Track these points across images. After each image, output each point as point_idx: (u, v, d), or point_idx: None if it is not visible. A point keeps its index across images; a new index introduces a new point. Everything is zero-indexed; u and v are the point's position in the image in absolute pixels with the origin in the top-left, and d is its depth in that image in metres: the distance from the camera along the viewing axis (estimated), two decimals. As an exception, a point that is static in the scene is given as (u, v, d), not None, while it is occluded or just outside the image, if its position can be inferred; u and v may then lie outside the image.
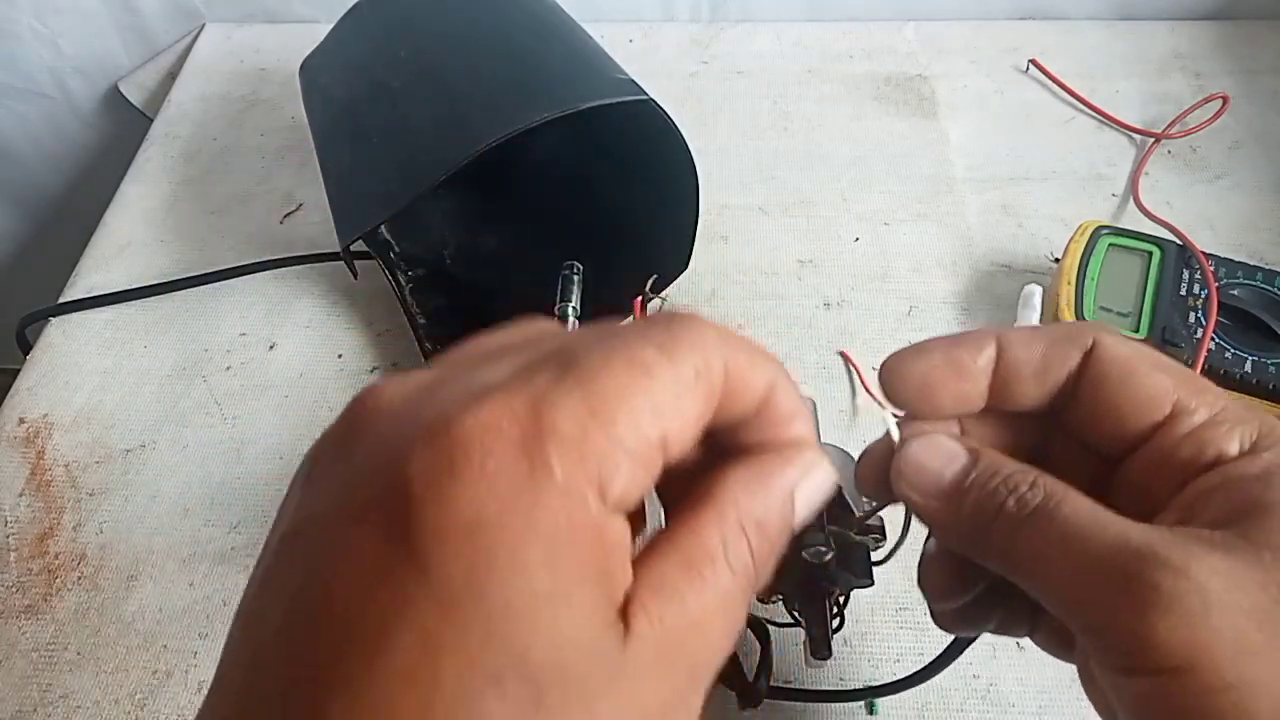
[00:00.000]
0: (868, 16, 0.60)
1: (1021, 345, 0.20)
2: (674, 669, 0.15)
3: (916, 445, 0.20)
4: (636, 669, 0.14)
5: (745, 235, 0.49)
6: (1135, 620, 0.16)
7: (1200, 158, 0.51)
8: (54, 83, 0.66)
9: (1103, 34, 0.58)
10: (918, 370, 0.20)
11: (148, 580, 0.37)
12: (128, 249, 0.50)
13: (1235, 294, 0.40)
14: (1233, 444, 0.18)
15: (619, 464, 0.14)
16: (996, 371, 0.20)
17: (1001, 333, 0.20)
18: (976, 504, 0.19)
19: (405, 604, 0.13)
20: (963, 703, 0.33)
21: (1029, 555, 0.18)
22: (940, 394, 0.20)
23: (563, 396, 0.14)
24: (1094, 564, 0.17)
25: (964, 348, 0.20)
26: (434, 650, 0.12)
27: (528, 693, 0.13)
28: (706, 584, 0.15)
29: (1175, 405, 0.19)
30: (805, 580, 0.26)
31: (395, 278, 0.42)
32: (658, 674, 0.14)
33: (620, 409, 0.14)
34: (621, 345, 0.15)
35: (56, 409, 0.43)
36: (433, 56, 0.39)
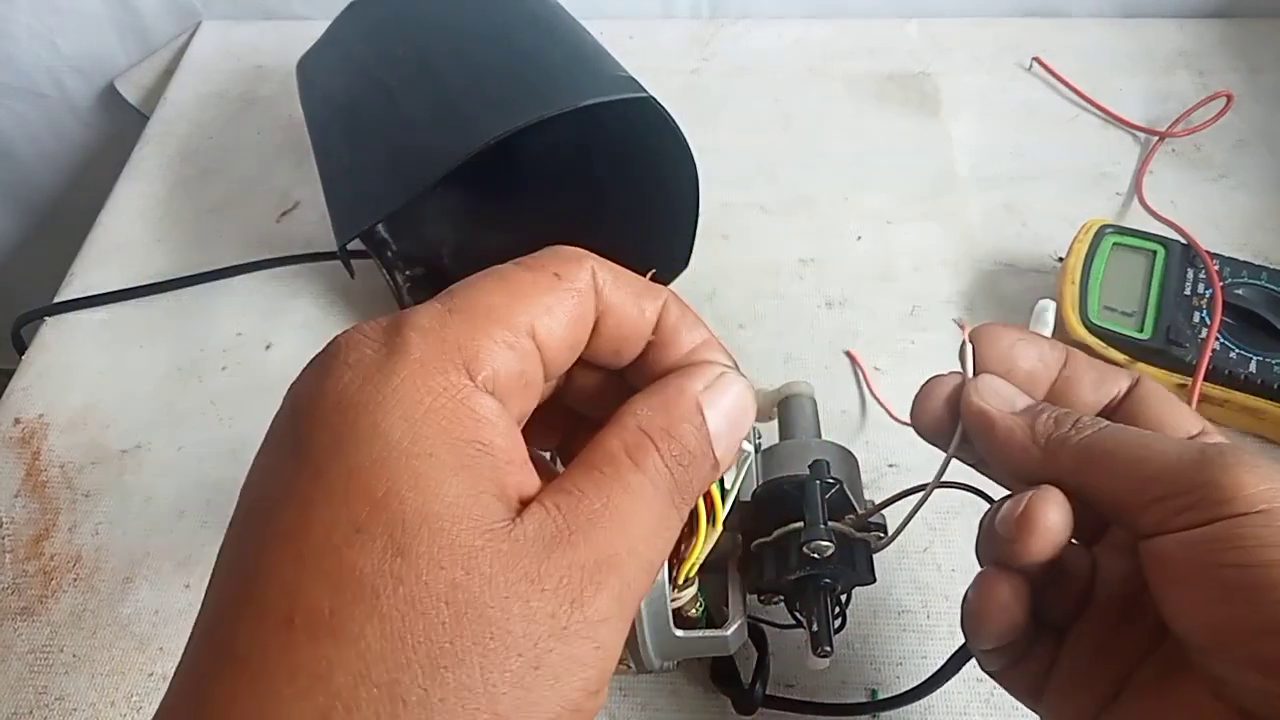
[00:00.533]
0: (870, 14, 0.60)
1: (1084, 361, 0.23)
2: (573, 553, 0.15)
3: (990, 376, 0.22)
4: (525, 542, 0.14)
5: (746, 234, 0.48)
6: (1221, 475, 0.17)
7: (1205, 156, 0.51)
8: (50, 81, 0.65)
9: (1107, 32, 0.58)
10: (1009, 338, 0.22)
11: (144, 582, 0.37)
12: (124, 248, 0.50)
13: (1240, 293, 0.40)
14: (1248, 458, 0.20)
15: (480, 344, 0.15)
16: (1063, 372, 0.22)
17: (1070, 348, 0.23)
18: (1053, 420, 0.20)
19: (289, 482, 0.14)
20: (965, 706, 0.33)
21: (1105, 453, 0.19)
22: (1020, 365, 0.22)
23: (425, 306, 0.16)
24: (1173, 450, 0.19)
25: (1046, 340, 0.23)
26: (305, 510, 0.14)
27: (390, 539, 0.13)
28: (606, 479, 0.16)
29: (1203, 429, 0.21)
30: (806, 576, 0.26)
31: (393, 277, 0.42)
32: (552, 553, 0.14)
33: (479, 303, 0.16)
34: (491, 270, 0.17)
35: (52, 409, 0.43)
36: (430, 54, 0.39)
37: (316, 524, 0.13)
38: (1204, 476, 0.18)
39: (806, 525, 0.25)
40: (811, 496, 0.26)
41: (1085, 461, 0.20)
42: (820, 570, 0.26)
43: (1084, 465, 0.20)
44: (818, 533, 0.25)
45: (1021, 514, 0.20)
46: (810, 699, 0.33)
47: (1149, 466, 0.19)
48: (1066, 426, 0.20)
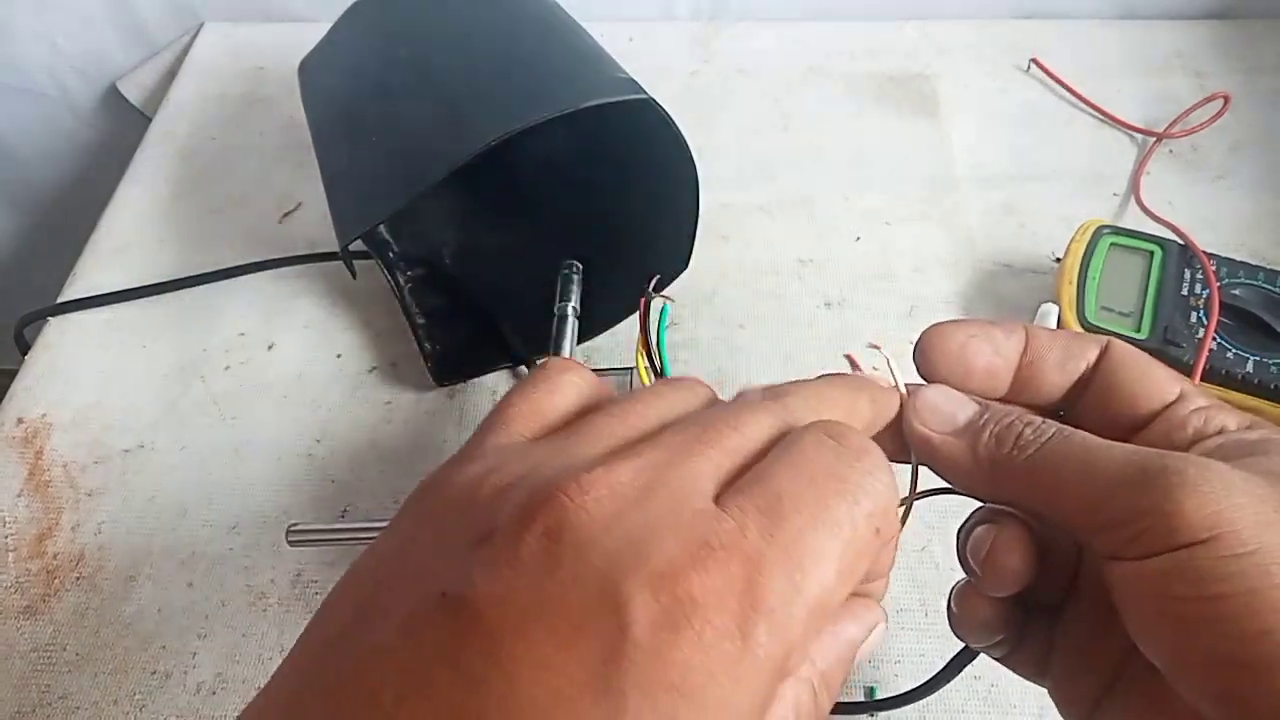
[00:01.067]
0: (869, 15, 0.60)
1: (1046, 337, 0.22)
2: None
3: (930, 390, 0.21)
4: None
5: (746, 234, 0.48)
6: (1163, 501, 0.17)
7: (1202, 157, 0.51)
8: (52, 82, 0.66)
9: (1104, 33, 0.58)
10: (958, 339, 0.21)
11: (146, 581, 0.37)
12: (126, 249, 0.50)
13: (1237, 294, 0.40)
14: (1231, 421, 0.20)
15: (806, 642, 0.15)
16: (1024, 357, 0.22)
17: (1029, 325, 0.22)
18: (995, 436, 0.20)
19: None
20: (964, 704, 0.33)
21: (1049, 474, 0.19)
22: (975, 364, 0.21)
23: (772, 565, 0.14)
24: (1116, 468, 0.18)
25: (999, 328, 0.22)
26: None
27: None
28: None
29: (1182, 391, 0.20)
30: None
31: (394, 277, 0.42)
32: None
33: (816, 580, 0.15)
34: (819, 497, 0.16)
35: (55, 409, 0.43)
36: (432, 55, 0.39)
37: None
38: (1147, 502, 0.17)
39: None
40: None
41: (1030, 485, 0.19)
42: None
43: (1030, 489, 0.19)
44: None
45: (985, 557, 0.20)
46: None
47: (1093, 488, 0.18)
48: (1009, 445, 0.19)
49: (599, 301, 0.43)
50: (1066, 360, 0.21)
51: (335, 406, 0.43)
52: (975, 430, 0.20)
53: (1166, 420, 0.20)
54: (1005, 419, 0.20)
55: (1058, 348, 0.21)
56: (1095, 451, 0.18)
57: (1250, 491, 0.16)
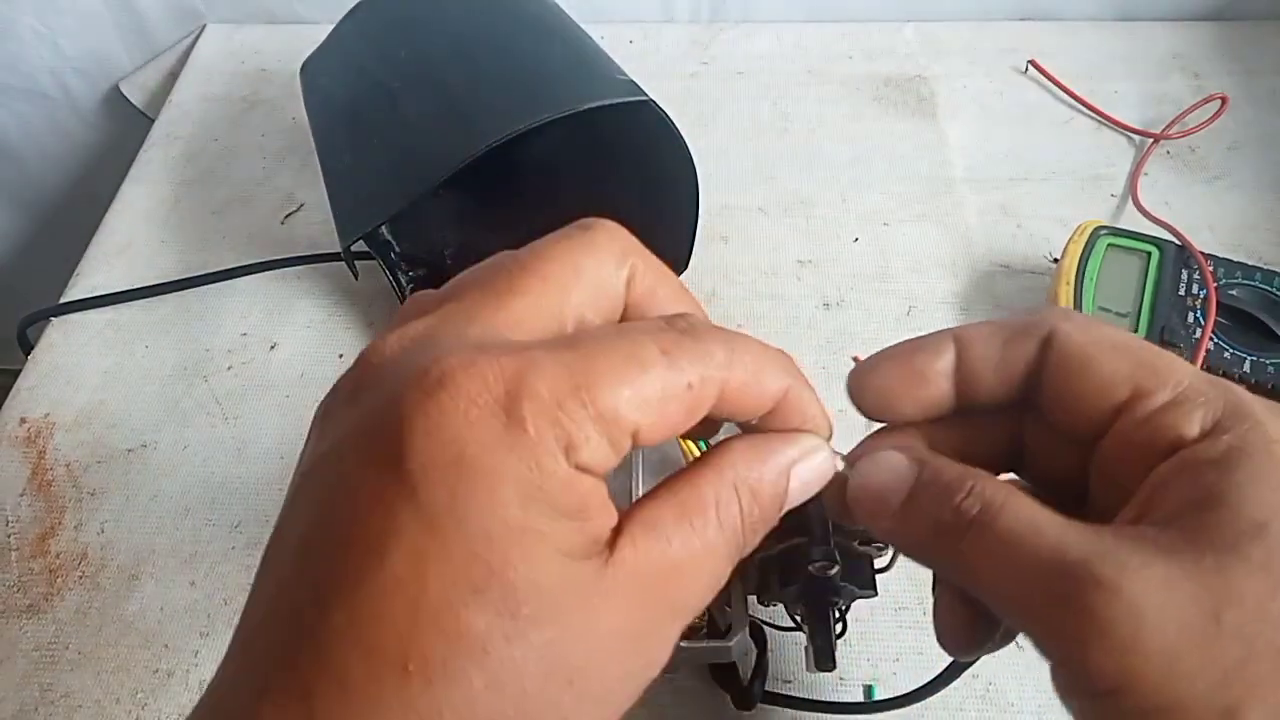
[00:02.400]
0: (867, 17, 0.60)
1: (981, 342, 0.20)
2: (650, 601, 0.16)
3: (862, 466, 0.20)
4: (612, 592, 0.15)
5: (745, 235, 0.49)
6: (1072, 644, 0.16)
7: (1199, 158, 0.51)
8: (55, 83, 0.66)
9: (1102, 34, 0.58)
10: (874, 384, 0.21)
11: (149, 580, 0.37)
12: (129, 249, 0.50)
13: (1234, 294, 0.40)
14: (1192, 425, 0.18)
15: (588, 437, 0.15)
16: (958, 371, 0.20)
17: (960, 331, 0.20)
18: (920, 519, 0.19)
19: (396, 524, 0.14)
20: (962, 702, 0.33)
21: (974, 570, 0.18)
22: (902, 403, 0.21)
23: (551, 365, 0.15)
24: (1033, 579, 0.17)
25: (923, 352, 0.20)
26: (420, 563, 0.14)
27: (506, 602, 0.14)
28: (694, 531, 0.17)
29: (1134, 389, 0.18)
30: (810, 593, 0.26)
31: (396, 278, 0.42)
32: (633, 601, 0.16)
33: (602, 391, 0.15)
34: (629, 338, 0.16)
35: (58, 409, 0.43)
36: (433, 57, 0.40)
37: (433, 580, 0.14)
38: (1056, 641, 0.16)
39: (811, 544, 0.25)
40: (816, 513, 0.26)
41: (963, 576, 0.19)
42: (825, 587, 0.26)
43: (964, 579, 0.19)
44: (823, 552, 0.25)
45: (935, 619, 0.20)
46: (808, 696, 0.33)
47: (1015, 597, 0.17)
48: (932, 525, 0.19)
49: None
50: (1005, 365, 0.20)
51: (337, 406, 0.43)
52: (903, 508, 0.19)
53: (1121, 433, 0.19)
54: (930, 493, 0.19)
55: (992, 351, 0.20)
56: (1018, 541, 0.17)
57: (1166, 625, 0.15)
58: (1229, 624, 0.15)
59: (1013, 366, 0.20)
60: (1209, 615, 0.15)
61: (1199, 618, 0.15)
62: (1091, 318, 0.21)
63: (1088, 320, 0.20)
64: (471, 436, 0.14)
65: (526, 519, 0.15)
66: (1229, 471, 0.17)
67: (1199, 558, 0.16)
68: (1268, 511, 0.16)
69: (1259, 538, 0.16)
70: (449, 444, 0.14)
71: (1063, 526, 0.17)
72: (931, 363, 0.20)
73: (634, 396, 0.16)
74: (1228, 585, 0.15)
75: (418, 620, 0.14)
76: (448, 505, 0.14)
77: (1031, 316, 0.20)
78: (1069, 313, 0.20)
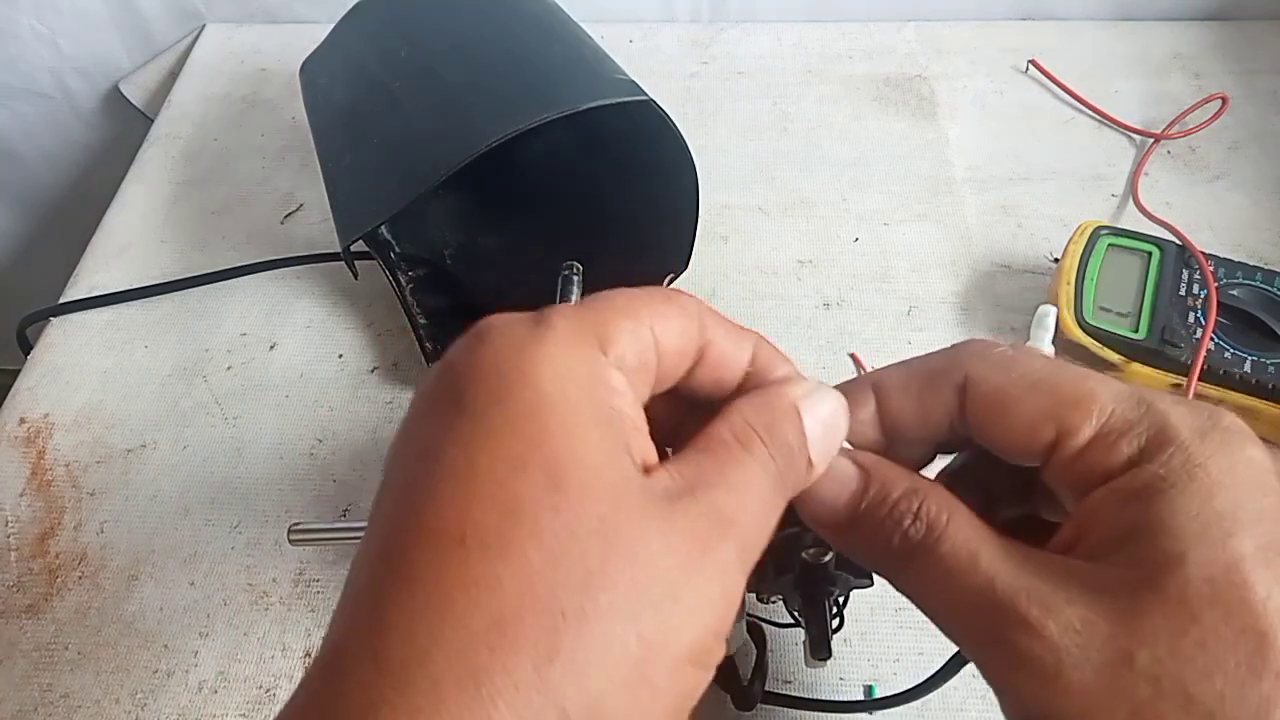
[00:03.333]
0: (867, 17, 0.60)
1: (898, 392, 0.20)
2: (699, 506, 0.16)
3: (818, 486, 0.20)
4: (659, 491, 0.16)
5: (745, 235, 0.49)
6: (1003, 675, 0.17)
7: (1200, 158, 0.51)
8: (54, 83, 0.66)
9: (1102, 34, 0.58)
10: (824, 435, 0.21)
11: (148, 580, 0.37)
12: (128, 249, 0.50)
13: (1235, 294, 0.40)
14: (1119, 457, 0.18)
15: (612, 327, 0.17)
16: (882, 420, 0.21)
17: (878, 379, 0.21)
18: (868, 536, 0.19)
19: (451, 428, 0.16)
20: (962, 702, 0.33)
21: (918, 592, 0.19)
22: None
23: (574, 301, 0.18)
24: (968, 609, 0.18)
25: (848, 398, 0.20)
26: (469, 450, 0.15)
27: (550, 473, 0.15)
28: (719, 458, 0.17)
29: (1058, 428, 0.18)
30: (805, 581, 0.26)
31: (396, 278, 0.42)
32: (683, 504, 0.16)
33: (611, 301, 0.18)
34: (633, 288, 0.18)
35: (57, 409, 0.43)
36: (433, 57, 0.40)
37: (481, 460, 0.15)
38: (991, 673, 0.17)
39: (805, 530, 0.26)
40: None
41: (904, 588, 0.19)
42: (819, 575, 0.26)
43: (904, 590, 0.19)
44: (815, 538, 0.25)
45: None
46: (808, 695, 0.33)
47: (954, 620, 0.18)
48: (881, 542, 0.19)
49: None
50: (925, 418, 0.20)
51: (337, 406, 0.43)
52: (855, 523, 0.20)
53: (1054, 467, 0.19)
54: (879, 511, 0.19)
55: (909, 402, 0.20)
56: (955, 570, 0.18)
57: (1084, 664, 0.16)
58: (1140, 664, 0.16)
59: (933, 415, 0.20)
60: (1122, 656, 0.16)
61: (1113, 658, 0.16)
62: (1007, 352, 0.20)
63: (1002, 357, 0.19)
64: (506, 345, 0.16)
65: (564, 399, 0.16)
66: (1150, 503, 0.17)
67: (1117, 597, 0.16)
68: (1185, 542, 0.16)
69: (1174, 570, 0.16)
70: (486, 357, 0.16)
71: (996, 556, 0.18)
72: (855, 414, 0.20)
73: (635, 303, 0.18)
74: (1141, 625, 0.16)
75: (470, 497, 0.15)
76: (488, 397, 0.16)
77: (944, 360, 0.20)
78: (984, 351, 0.20)
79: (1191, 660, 0.16)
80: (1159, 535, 0.16)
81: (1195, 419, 0.18)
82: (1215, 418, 0.18)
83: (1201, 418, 0.18)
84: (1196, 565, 0.16)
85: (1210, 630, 0.16)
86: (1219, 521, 0.16)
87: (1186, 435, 0.17)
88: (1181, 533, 0.16)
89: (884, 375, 0.21)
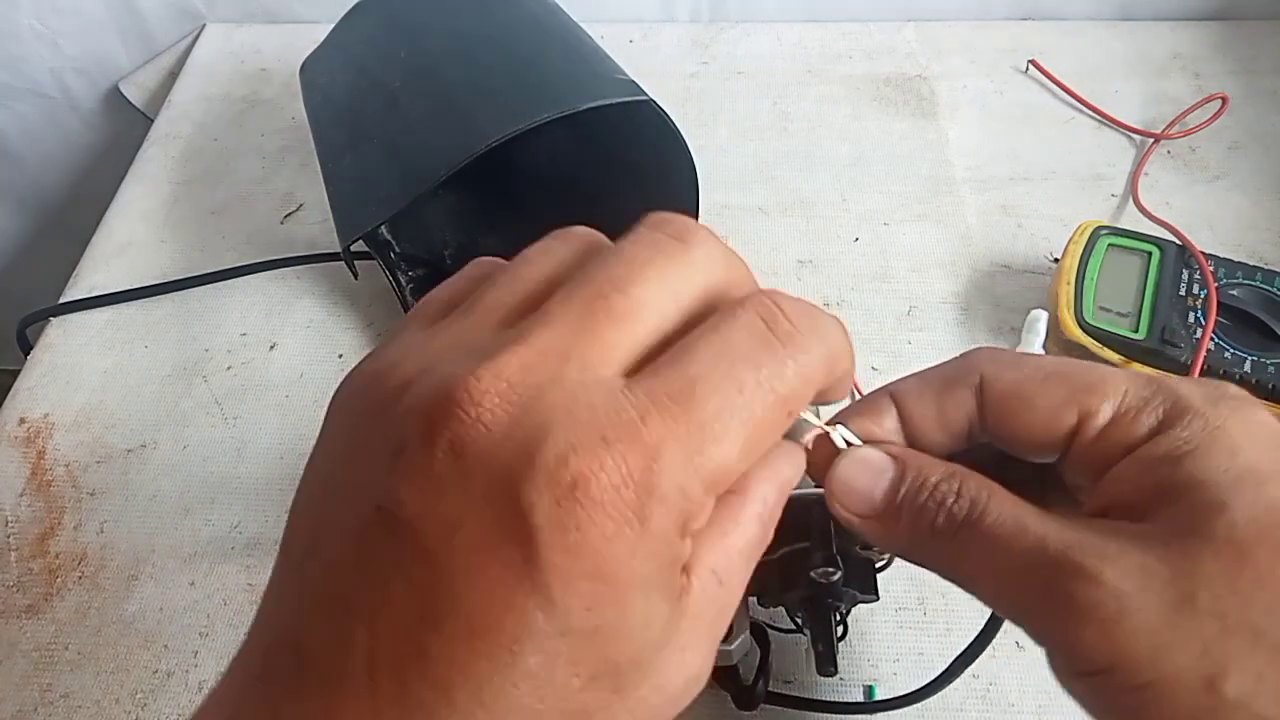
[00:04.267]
0: (867, 17, 0.60)
1: (916, 398, 0.21)
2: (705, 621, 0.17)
3: (844, 466, 0.20)
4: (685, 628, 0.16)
5: (745, 235, 0.49)
6: (1062, 629, 0.17)
7: (1200, 158, 0.51)
8: (54, 83, 0.66)
9: (1102, 34, 0.58)
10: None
11: (148, 580, 0.37)
12: (128, 249, 0.50)
13: (1234, 294, 0.40)
14: (1140, 430, 0.19)
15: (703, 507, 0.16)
16: (904, 428, 0.21)
17: (896, 389, 0.21)
18: (910, 522, 0.20)
19: (532, 629, 0.14)
20: (962, 702, 0.33)
21: (965, 568, 0.19)
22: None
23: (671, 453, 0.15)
24: (1020, 573, 0.18)
25: (864, 419, 0.21)
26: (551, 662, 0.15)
27: (612, 684, 0.15)
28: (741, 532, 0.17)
29: (1079, 413, 0.19)
30: (812, 598, 0.26)
31: (396, 278, 0.42)
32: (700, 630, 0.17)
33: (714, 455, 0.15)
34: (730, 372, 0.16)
35: (57, 409, 0.43)
36: (433, 57, 0.40)
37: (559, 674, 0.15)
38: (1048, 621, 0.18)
39: (813, 549, 0.25)
40: (818, 518, 0.26)
41: (947, 568, 0.19)
42: (825, 592, 0.26)
43: (948, 571, 0.19)
44: (824, 557, 0.25)
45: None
46: (809, 696, 0.33)
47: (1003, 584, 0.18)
48: (924, 531, 0.19)
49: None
50: (945, 421, 0.20)
51: (336, 406, 0.43)
52: (893, 512, 0.20)
53: (1077, 453, 0.19)
54: (920, 496, 0.19)
55: (929, 407, 0.20)
56: (1004, 539, 0.18)
57: (1146, 607, 0.16)
58: (1203, 603, 0.16)
59: (953, 418, 0.20)
60: (1184, 596, 0.16)
61: (1175, 599, 0.16)
62: (1015, 353, 0.21)
63: (1012, 356, 0.20)
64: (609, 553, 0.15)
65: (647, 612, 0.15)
66: (1179, 464, 0.18)
67: (1168, 544, 0.17)
68: (1223, 492, 0.17)
69: (1218, 517, 0.17)
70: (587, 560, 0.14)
71: (1042, 520, 0.18)
72: (878, 424, 0.21)
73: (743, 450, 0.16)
74: (1197, 567, 0.16)
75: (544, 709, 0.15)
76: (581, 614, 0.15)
77: (957, 365, 0.21)
78: (994, 354, 0.21)
79: (1251, 595, 0.16)
80: (1195, 490, 0.17)
81: (1205, 390, 0.19)
82: (1222, 389, 0.19)
83: (1210, 389, 0.19)
84: (1239, 509, 0.17)
85: (1265, 567, 0.16)
86: (1250, 474, 0.17)
87: (1201, 404, 0.18)
88: (1217, 485, 0.17)
89: (901, 385, 0.21)
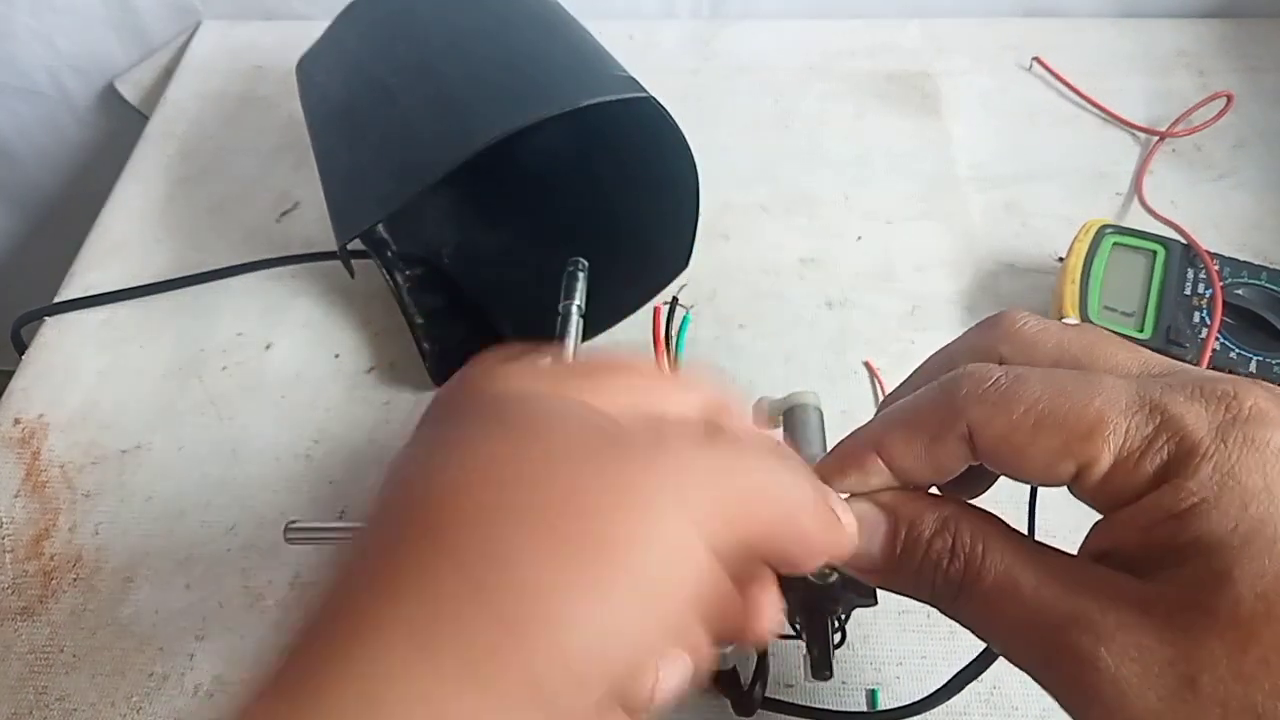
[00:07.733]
0: (870, 13, 0.60)
1: (903, 451, 0.20)
2: None
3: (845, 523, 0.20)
4: None
5: (746, 234, 0.48)
6: (1067, 703, 0.17)
7: (1205, 156, 0.51)
8: (50, 81, 0.65)
9: (1107, 32, 0.58)
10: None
11: (144, 582, 0.37)
12: (123, 248, 0.50)
13: (1240, 293, 0.40)
14: (1143, 476, 0.17)
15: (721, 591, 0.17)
16: (895, 477, 0.20)
17: (878, 440, 0.20)
18: (912, 580, 0.20)
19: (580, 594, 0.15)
20: (966, 706, 0.33)
21: (971, 623, 0.19)
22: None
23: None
24: (1023, 636, 0.18)
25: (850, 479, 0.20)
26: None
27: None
28: None
29: (1077, 464, 0.18)
30: (809, 601, 0.26)
31: (393, 277, 0.42)
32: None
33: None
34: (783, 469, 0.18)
35: (52, 409, 0.43)
36: (431, 53, 0.39)
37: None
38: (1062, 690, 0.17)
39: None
40: None
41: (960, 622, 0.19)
42: (823, 595, 0.26)
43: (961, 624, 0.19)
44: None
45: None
46: (809, 702, 0.33)
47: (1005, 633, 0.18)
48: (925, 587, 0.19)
49: (598, 301, 0.42)
50: (939, 471, 0.20)
51: (333, 407, 0.42)
52: (893, 567, 0.20)
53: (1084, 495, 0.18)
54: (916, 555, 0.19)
55: (918, 460, 0.20)
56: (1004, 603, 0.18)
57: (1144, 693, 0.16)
58: (1205, 688, 0.16)
59: (945, 465, 0.19)
60: (1185, 681, 0.16)
61: (1176, 685, 0.16)
62: (1002, 384, 0.18)
63: (999, 395, 0.18)
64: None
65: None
66: (1186, 522, 0.16)
67: (1170, 618, 0.16)
68: (1229, 558, 0.16)
69: (1224, 589, 0.16)
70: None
71: (1039, 580, 0.18)
72: (864, 481, 0.20)
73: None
74: (1199, 650, 0.16)
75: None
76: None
77: (941, 406, 0.19)
78: (977, 389, 0.19)
79: (1256, 679, 0.15)
80: (1201, 554, 0.16)
81: (1213, 416, 0.17)
82: (1233, 408, 0.17)
83: (1219, 413, 0.17)
84: (1245, 582, 0.16)
85: (1271, 647, 0.15)
86: (1261, 530, 0.16)
87: (1208, 441, 0.17)
88: (1223, 548, 0.16)
89: (882, 435, 0.20)
